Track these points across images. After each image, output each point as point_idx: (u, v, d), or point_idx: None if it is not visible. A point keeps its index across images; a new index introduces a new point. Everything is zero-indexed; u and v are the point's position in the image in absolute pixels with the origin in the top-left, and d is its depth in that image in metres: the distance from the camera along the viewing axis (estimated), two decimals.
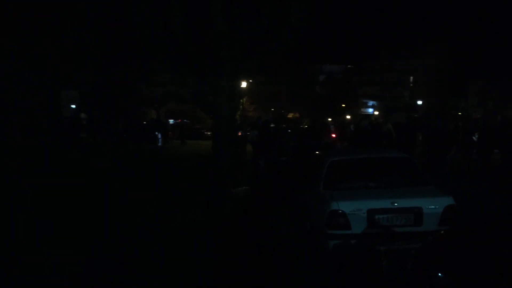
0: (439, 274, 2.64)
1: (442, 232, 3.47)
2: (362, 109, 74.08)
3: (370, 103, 75.53)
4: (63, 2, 20.32)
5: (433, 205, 5.12)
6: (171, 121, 52.98)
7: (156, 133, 22.18)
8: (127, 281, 4.63)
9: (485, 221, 2.92)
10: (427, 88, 63.90)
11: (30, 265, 5.10)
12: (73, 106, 19.99)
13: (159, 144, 21.85)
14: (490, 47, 66.56)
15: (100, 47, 24.72)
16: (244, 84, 28.76)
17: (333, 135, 14.70)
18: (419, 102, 61.83)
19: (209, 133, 28.94)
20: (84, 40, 22.80)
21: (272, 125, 10.78)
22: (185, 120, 53.64)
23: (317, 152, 7.41)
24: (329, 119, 38.57)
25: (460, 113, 43.92)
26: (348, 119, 45.93)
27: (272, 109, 61.38)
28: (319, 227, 5.29)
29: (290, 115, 58.52)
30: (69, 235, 6.17)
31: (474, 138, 12.83)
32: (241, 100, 34.58)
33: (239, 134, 11.97)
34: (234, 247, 5.87)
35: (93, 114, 20.67)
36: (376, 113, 64.94)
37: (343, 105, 70.99)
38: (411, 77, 69.69)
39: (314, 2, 7.27)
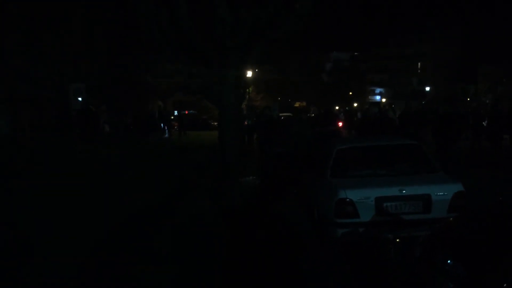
0: (448, 261, 2.61)
1: (451, 219, 3.44)
2: (370, 97, 73.62)
3: (378, 90, 75.00)
4: None
5: (441, 192, 5.08)
6: (177, 112, 53.07)
7: (163, 124, 22.23)
8: (132, 275, 4.66)
9: (494, 207, 2.88)
10: (435, 74, 63.33)
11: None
12: (80, 99, 20.04)
13: (166, 135, 21.90)
14: (499, 30, 65.58)
15: (106, 40, 24.78)
16: (250, 74, 28.62)
17: (340, 123, 14.61)
18: (427, 89, 61.29)
19: (215, 123, 28.95)
20: (90, 33, 22.85)
21: (280, 115, 10.75)
22: (191, 111, 53.67)
23: (324, 140, 7.37)
24: (336, 108, 38.30)
25: (469, 99, 43.43)
26: (355, 107, 45.60)
27: (279, 98, 61.09)
28: (327, 215, 5.28)
29: (297, 104, 58.24)
30: (74, 227, 6.22)
31: (483, 123, 12.69)
32: (248, 90, 34.35)
33: (245, 123, 11.93)
34: (242, 237, 5.89)
35: (100, 107, 20.74)
36: (384, 100, 64.41)
37: (350, 93, 70.61)
38: (419, 63, 69.00)
39: None
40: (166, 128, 22.11)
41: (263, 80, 54.58)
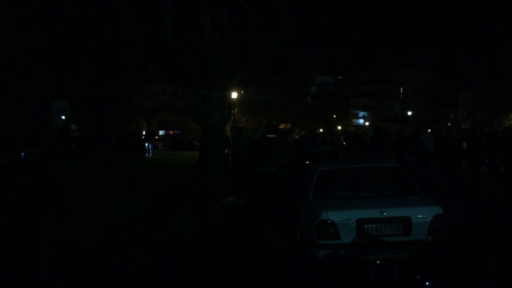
0: (427, 283, 2.63)
1: (429, 240, 3.47)
2: (353, 120, 74.56)
3: (361, 113, 76.01)
4: (53, 11, 20.28)
5: (421, 214, 5.13)
6: (161, 132, 52.75)
7: (147, 144, 22.11)
8: None
9: (471, 227, 2.92)
10: (416, 99, 64.60)
11: None
12: (63, 117, 19.82)
13: (150, 154, 21.76)
14: (479, 57, 67.37)
15: (91, 57, 24.72)
16: (235, 95, 28.79)
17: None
18: (409, 113, 62.37)
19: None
20: (75, 50, 22.77)
21: (268, 135, 10.81)
22: (176, 131, 53.50)
23: (307, 162, 7.43)
24: (321, 130, 38.67)
25: (449, 124, 44.28)
26: (339, 129, 46.10)
27: (264, 120, 61.46)
28: (309, 237, 5.28)
29: (281, 126, 58.54)
30: (51, 246, 6.07)
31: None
32: (233, 111, 34.59)
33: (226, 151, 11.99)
34: (225, 257, 5.82)
35: (83, 126, 20.56)
36: (367, 123, 65.28)
37: (335, 116, 71.43)
38: (401, 88, 70.36)
39: (304, 13, 7.34)
40: (150, 147, 21.98)
41: (248, 101, 54.90)
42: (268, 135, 10.90)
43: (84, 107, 25.28)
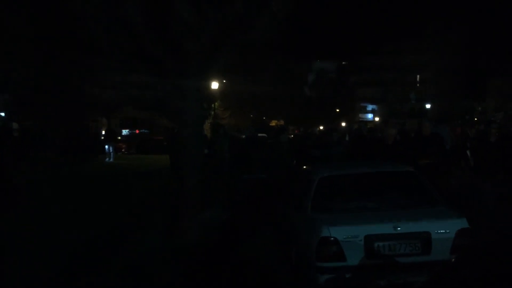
0: None
1: (453, 260, 3.51)
2: (360, 115, 75.03)
3: (370, 107, 76.54)
4: None
5: (443, 229, 5.18)
6: (125, 131, 52.42)
7: (107, 146, 21.98)
8: None
9: (501, 245, 2.97)
10: (437, 89, 65.18)
11: None
12: (2, 114, 19.64)
13: (111, 159, 21.64)
14: None
15: (37, 40, 24.45)
16: (215, 85, 28.76)
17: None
18: (428, 106, 62.93)
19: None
20: (17, 30, 22.52)
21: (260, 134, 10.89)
22: (143, 131, 53.24)
23: (304, 167, 7.46)
24: (321, 127, 38.91)
25: (476, 118, 44.75)
26: (343, 126, 46.32)
27: (252, 116, 61.55)
28: (307, 258, 5.30)
29: (273, 123, 58.67)
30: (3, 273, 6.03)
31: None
32: (213, 105, 34.49)
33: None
34: (203, 284, 5.82)
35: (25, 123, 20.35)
36: (377, 119, 65.76)
37: (338, 110, 71.77)
38: (418, 76, 70.96)
39: None
40: (111, 150, 21.86)
41: (232, 93, 54.89)
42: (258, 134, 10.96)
43: (27, 101, 25.02)
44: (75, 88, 30.36)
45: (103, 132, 24.22)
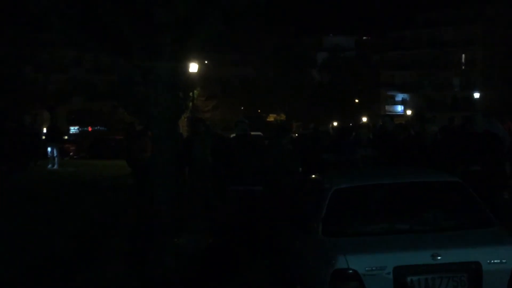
0: None
1: None
2: (387, 107, 75.08)
3: (400, 96, 76.62)
4: None
5: (498, 258, 5.19)
6: (73, 128, 52.32)
7: (50, 148, 21.89)
8: None
9: None
10: (489, 72, 65.16)
11: None
12: None
13: (55, 166, 21.57)
14: None
15: None
16: (195, 68, 28.67)
17: None
18: (476, 95, 63.02)
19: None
20: None
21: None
22: (98, 128, 53.18)
23: (313, 176, 7.47)
24: (335, 123, 38.94)
25: None
26: (364, 123, 46.36)
27: (242, 108, 61.64)
28: None
29: (271, 118, 58.76)
30: None
31: None
32: (191, 94, 34.27)
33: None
34: None
35: None
36: (409, 112, 65.88)
37: (357, 101, 71.74)
38: (463, 55, 70.95)
39: None
40: (55, 154, 21.78)
41: (216, 78, 54.94)
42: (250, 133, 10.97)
43: None
44: (12, 71, 30.24)
45: (45, 130, 24.10)
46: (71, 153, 34.23)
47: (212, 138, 11.65)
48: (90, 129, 56.37)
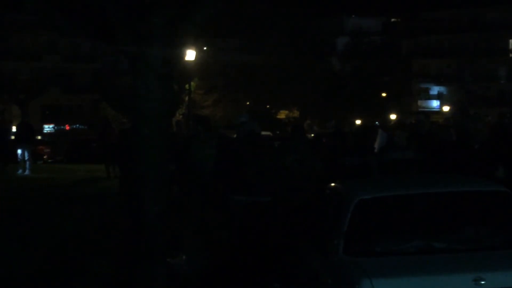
0: None
1: None
2: (420, 102, 74.95)
3: (435, 89, 76.48)
4: None
5: None
6: (48, 127, 52.55)
7: (20, 150, 21.96)
8: None
9: None
10: None
11: None
12: None
13: (26, 172, 21.65)
14: None
15: None
16: (191, 55, 28.61)
17: None
18: None
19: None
20: None
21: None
22: (77, 126, 53.36)
23: (332, 185, 7.46)
24: (357, 122, 38.96)
25: None
26: (393, 120, 46.34)
27: (248, 103, 61.76)
28: None
29: (281, 114, 58.88)
30: None
31: None
32: (187, 86, 34.10)
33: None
34: None
35: None
36: (446, 108, 65.73)
37: (384, 94, 71.66)
38: (511, 41, 70.81)
39: None
40: (26, 157, 21.87)
41: (218, 67, 54.94)
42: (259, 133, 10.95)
43: None
44: None
45: (14, 128, 24.20)
46: (45, 156, 34.35)
47: (213, 140, 11.68)
48: (67, 127, 56.49)
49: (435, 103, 74.42)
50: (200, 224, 10.45)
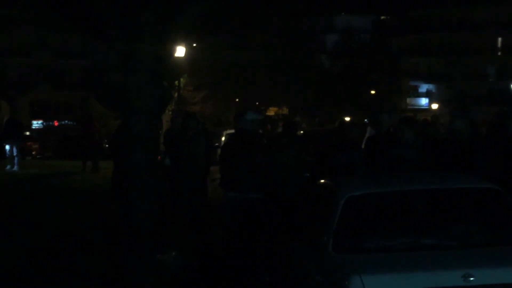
0: None
1: None
2: (409, 99, 75.02)
3: (424, 87, 76.53)
4: None
5: None
6: (37, 123, 52.23)
7: (8, 146, 21.86)
8: None
9: None
10: None
11: None
12: None
13: (14, 168, 21.56)
14: None
15: None
16: (181, 52, 28.57)
17: None
18: None
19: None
20: None
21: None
22: (66, 122, 53.17)
23: (322, 181, 7.47)
24: (347, 119, 39.00)
25: None
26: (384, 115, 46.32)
27: (237, 100, 61.70)
28: None
29: (271, 111, 58.81)
30: None
31: None
32: (176, 83, 34.06)
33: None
34: None
35: None
36: (435, 106, 65.84)
37: (373, 92, 71.72)
38: (499, 39, 70.89)
39: None
40: (15, 153, 21.77)
41: (207, 64, 54.80)
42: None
43: None
44: None
45: (3, 124, 24.09)
46: (33, 152, 34.19)
47: (204, 136, 11.69)
48: (56, 123, 56.18)
49: (424, 101, 74.51)
50: (190, 220, 10.45)
